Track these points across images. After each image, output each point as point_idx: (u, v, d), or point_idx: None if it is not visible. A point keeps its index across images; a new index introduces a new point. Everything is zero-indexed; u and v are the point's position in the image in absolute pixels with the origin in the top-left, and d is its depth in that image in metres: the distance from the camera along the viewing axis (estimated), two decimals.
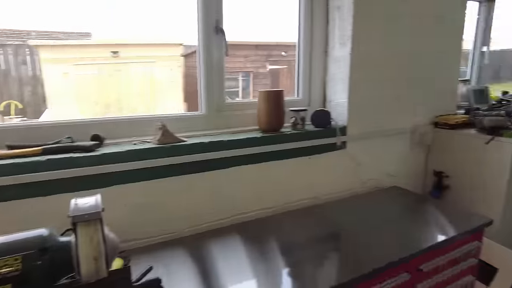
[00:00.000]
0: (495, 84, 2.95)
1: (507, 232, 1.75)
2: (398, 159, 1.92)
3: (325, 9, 1.69)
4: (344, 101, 1.67)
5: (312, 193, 1.65)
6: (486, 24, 2.52)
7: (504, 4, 2.58)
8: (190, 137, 1.36)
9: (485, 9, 2.49)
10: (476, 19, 2.51)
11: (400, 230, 1.37)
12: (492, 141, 1.69)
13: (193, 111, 1.52)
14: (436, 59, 1.94)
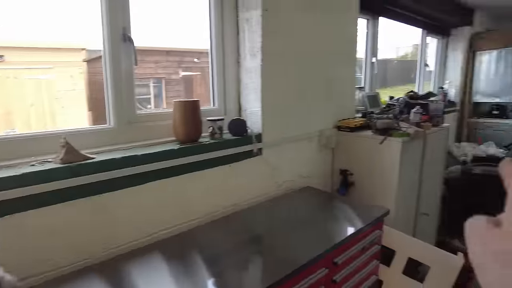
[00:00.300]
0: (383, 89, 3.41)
1: (400, 219, 2.04)
2: (308, 161, 2.07)
3: (235, 21, 1.74)
4: (257, 109, 1.74)
5: (233, 201, 1.67)
6: (373, 38, 2.89)
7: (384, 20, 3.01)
8: (99, 153, 1.25)
9: (372, 25, 2.86)
10: (365, 33, 2.86)
11: (315, 227, 1.48)
12: (385, 140, 1.95)
13: (101, 122, 1.41)
14: (336, 69, 2.15)
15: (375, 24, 2.87)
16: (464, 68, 4.26)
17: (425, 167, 2.26)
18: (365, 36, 2.86)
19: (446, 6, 3.57)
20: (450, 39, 4.27)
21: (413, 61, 4.09)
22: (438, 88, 4.11)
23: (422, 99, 2.94)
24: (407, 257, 1.60)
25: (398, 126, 2.04)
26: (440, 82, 4.34)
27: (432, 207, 2.55)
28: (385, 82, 3.68)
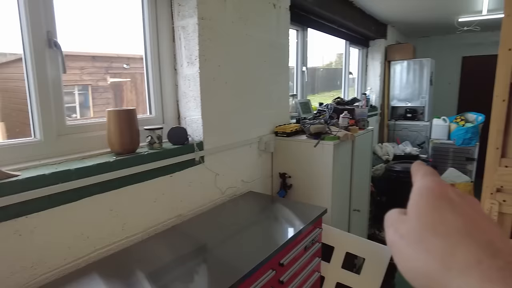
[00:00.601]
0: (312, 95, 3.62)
1: (336, 216, 2.17)
2: (250, 167, 2.11)
3: (170, 27, 1.71)
4: (198, 117, 1.72)
5: (177, 211, 1.62)
6: (303, 48, 3.07)
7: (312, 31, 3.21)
8: (24, 170, 1.13)
9: (301, 35, 3.03)
10: (296, 43, 3.02)
11: (259, 231, 1.52)
12: (318, 144, 2.07)
13: (17, 134, 1.27)
14: (271, 77, 2.23)
15: (304, 35, 3.05)
16: (382, 76, 4.74)
17: (355, 167, 2.46)
18: (296, 46, 3.02)
19: (365, 21, 3.95)
20: (369, 49, 4.73)
21: (337, 69, 4.43)
22: (361, 94, 4.49)
23: (348, 105, 3.20)
24: (345, 252, 1.72)
25: (329, 130, 2.18)
26: (362, 88, 4.76)
27: (362, 204, 2.76)
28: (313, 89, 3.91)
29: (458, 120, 4.43)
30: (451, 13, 4.13)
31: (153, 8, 1.63)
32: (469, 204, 0.27)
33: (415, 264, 0.26)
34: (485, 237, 0.24)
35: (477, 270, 0.23)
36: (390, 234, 0.30)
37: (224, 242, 1.40)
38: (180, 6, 1.66)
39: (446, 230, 0.26)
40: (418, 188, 0.30)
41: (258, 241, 1.42)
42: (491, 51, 5.26)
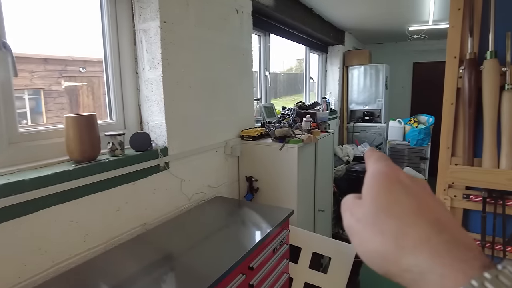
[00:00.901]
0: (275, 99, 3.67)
1: (302, 217, 2.22)
2: (216, 171, 2.09)
3: (131, 30, 1.66)
4: (161, 122, 1.69)
5: (142, 220, 1.57)
6: (266, 53, 3.11)
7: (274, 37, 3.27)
8: None
9: (263, 40, 3.08)
10: (258, 49, 3.06)
11: (227, 236, 1.51)
12: (284, 147, 2.11)
13: None
14: (236, 82, 2.24)
15: (267, 40, 3.10)
16: (340, 81, 4.93)
17: (318, 168, 2.52)
18: (258, 51, 3.06)
19: (324, 27, 4.09)
20: (328, 55, 4.89)
21: (298, 73, 4.54)
22: (322, 98, 4.64)
23: (310, 109, 3.28)
24: (312, 252, 1.75)
25: (293, 134, 2.23)
26: (322, 92, 4.91)
27: (326, 204, 2.84)
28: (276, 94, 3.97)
29: (411, 122, 4.70)
30: (402, 22, 4.40)
31: (113, 11, 1.58)
32: (418, 186, 0.29)
33: (372, 246, 0.27)
34: (433, 216, 0.26)
35: (427, 246, 0.24)
36: (347, 218, 0.31)
37: (191, 249, 1.37)
38: (142, 9, 1.62)
39: (399, 211, 0.27)
40: (372, 173, 0.31)
41: (227, 246, 1.41)
42: (438, 58, 5.68)
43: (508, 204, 1.11)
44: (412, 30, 4.67)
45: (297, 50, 4.29)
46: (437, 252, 0.24)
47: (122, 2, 1.60)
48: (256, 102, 2.77)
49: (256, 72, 3.07)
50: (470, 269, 0.22)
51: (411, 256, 0.25)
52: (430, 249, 0.24)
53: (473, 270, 0.22)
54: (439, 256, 0.24)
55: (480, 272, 0.22)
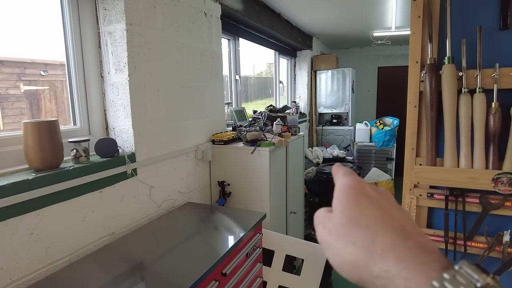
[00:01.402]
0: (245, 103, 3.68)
1: (275, 220, 2.22)
2: (187, 177, 2.05)
3: (95, 32, 1.60)
4: (128, 127, 1.63)
5: (109, 229, 1.51)
6: (235, 57, 3.11)
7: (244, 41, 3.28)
8: None
9: (233, 44, 3.08)
10: (228, 52, 3.05)
11: (199, 242, 1.48)
12: (255, 150, 2.11)
13: None
14: (206, 85, 2.22)
15: (236, 44, 3.10)
16: (309, 85, 5.02)
17: (289, 171, 2.55)
18: (228, 55, 3.05)
19: (293, 32, 4.16)
20: (296, 60, 4.98)
21: (268, 77, 4.58)
22: (291, 102, 4.70)
23: (280, 112, 3.31)
24: (285, 254, 1.76)
25: (264, 137, 2.24)
26: (292, 96, 4.98)
27: (298, 206, 2.87)
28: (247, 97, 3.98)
29: (377, 124, 4.87)
30: (366, 28, 4.57)
31: (75, 12, 1.51)
32: (383, 197, 0.32)
33: (344, 256, 0.29)
34: (398, 224, 0.29)
35: (393, 253, 0.26)
36: (320, 232, 0.32)
37: (162, 257, 1.33)
38: (106, 10, 1.56)
39: (366, 222, 0.29)
40: (340, 187, 0.33)
41: (199, 252, 1.38)
42: (401, 63, 5.94)
43: (468, 201, 1.17)
44: (376, 36, 4.86)
45: (267, 54, 4.33)
46: (403, 257, 0.26)
47: (85, 3, 1.54)
48: (227, 106, 2.76)
49: (227, 76, 3.06)
50: (431, 271, 0.24)
51: (380, 263, 0.26)
52: (396, 255, 0.26)
53: (434, 272, 0.24)
54: (404, 260, 0.25)
55: (440, 274, 0.24)
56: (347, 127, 5.00)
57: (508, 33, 1.08)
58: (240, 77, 3.16)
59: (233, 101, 3.10)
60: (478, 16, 1.11)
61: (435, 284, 0.23)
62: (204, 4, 2.17)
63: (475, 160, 1.10)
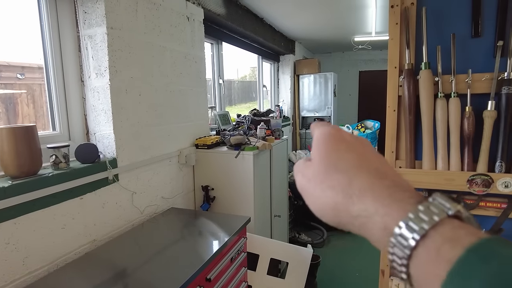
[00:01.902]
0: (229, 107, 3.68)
1: (259, 224, 2.23)
2: (170, 182, 2.03)
3: (75, 36, 1.57)
4: (109, 132, 1.61)
5: (91, 237, 1.47)
6: (219, 61, 3.11)
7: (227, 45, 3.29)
8: None
9: (216, 48, 3.08)
10: (211, 56, 3.05)
11: (183, 248, 1.47)
12: (239, 154, 2.11)
13: None
14: (189, 89, 2.21)
15: (219, 48, 3.10)
16: (292, 89, 5.07)
17: (273, 174, 2.56)
18: (211, 58, 3.05)
19: (275, 37, 4.19)
20: (279, 64, 5.02)
21: (252, 81, 4.59)
22: (275, 106, 4.73)
23: (264, 116, 3.33)
24: (269, 258, 1.76)
25: (248, 141, 2.24)
26: (276, 100, 5.01)
27: (282, 209, 2.89)
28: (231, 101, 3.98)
29: (359, 127, 4.96)
30: (348, 33, 4.66)
31: (53, 14, 1.48)
32: (361, 142, 0.33)
33: (324, 201, 0.30)
34: (374, 166, 0.30)
35: (370, 192, 0.27)
36: (299, 180, 0.33)
37: (146, 264, 1.31)
38: (86, 14, 1.54)
39: (344, 166, 0.30)
40: (318, 135, 0.34)
41: (183, 258, 1.37)
42: (382, 67, 6.08)
43: None
44: (357, 41, 4.96)
45: (251, 58, 4.35)
46: (379, 196, 0.27)
47: (64, 5, 1.52)
48: (210, 109, 2.75)
49: (210, 79, 3.05)
50: (407, 205, 0.26)
51: (358, 203, 0.28)
52: (373, 194, 0.27)
53: (409, 206, 0.25)
54: (381, 198, 0.27)
55: (415, 207, 0.25)
56: None
57: (479, 41, 1.13)
58: (223, 81, 3.16)
59: (216, 105, 3.10)
60: (452, 24, 1.15)
61: (411, 215, 0.24)
62: (186, 8, 2.17)
63: (452, 162, 1.13)
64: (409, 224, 0.24)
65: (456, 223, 0.24)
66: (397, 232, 0.25)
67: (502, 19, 1.09)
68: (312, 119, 5.23)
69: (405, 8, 1.17)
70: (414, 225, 0.24)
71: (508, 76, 1.05)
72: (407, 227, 0.24)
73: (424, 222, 0.24)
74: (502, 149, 1.07)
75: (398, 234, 0.24)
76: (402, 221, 0.25)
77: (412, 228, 0.24)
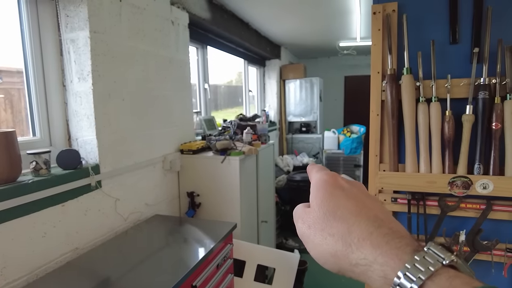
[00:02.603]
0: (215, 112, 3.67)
1: (246, 230, 2.22)
2: (154, 188, 2.01)
3: (56, 40, 1.54)
4: (92, 138, 1.58)
5: (73, 245, 1.43)
6: (204, 65, 3.11)
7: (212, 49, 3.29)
8: None
9: (201, 53, 3.07)
10: (196, 61, 3.04)
11: (168, 256, 1.45)
12: (225, 159, 2.10)
13: None
14: (173, 94, 2.19)
15: (204, 53, 3.09)
16: (278, 93, 5.10)
17: (260, 179, 2.56)
18: (196, 63, 3.04)
19: (261, 42, 4.22)
20: (265, 69, 5.04)
21: (238, 86, 4.60)
22: (261, 110, 4.74)
23: (250, 121, 3.33)
24: (256, 264, 1.75)
25: (234, 146, 2.24)
26: (262, 105, 5.03)
27: (269, 214, 2.88)
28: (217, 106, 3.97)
29: (345, 132, 5.02)
30: (333, 39, 4.73)
31: (34, 17, 1.45)
32: (356, 188, 0.34)
33: (324, 248, 0.31)
34: (372, 213, 0.30)
35: (368, 241, 0.28)
36: (300, 226, 0.34)
37: (130, 272, 1.29)
38: (68, 17, 1.52)
39: (342, 214, 0.31)
40: (315, 182, 0.35)
41: (168, 266, 1.35)
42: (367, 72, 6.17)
43: (428, 204, 1.23)
44: (342, 46, 5.03)
45: (237, 63, 4.36)
46: (378, 244, 0.28)
47: (45, 8, 1.49)
48: (195, 114, 2.74)
49: (195, 84, 3.04)
50: (404, 254, 0.27)
51: (357, 251, 0.28)
52: (371, 243, 0.28)
53: (406, 255, 0.27)
54: (379, 247, 0.28)
55: (412, 256, 0.26)
56: (316, 135, 5.11)
57: (457, 47, 1.16)
58: (209, 85, 3.15)
59: (202, 109, 3.08)
60: (431, 31, 1.18)
61: (408, 266, 0.26)
62: (171, 13, 2.16)
63: (433, 165, 1.16)
64: (407, 274, 0.25)
65: (451, 273, 0.25)
66: (397, 282, 0.26)
67: (477, 27, 1.12)
68: (298, 124, 5.26)
69: (387, 15, 1.20)
70: (412, 275, 0.25)
71: (484, 81, 1.08)
72: (405, 277, 0.25)
73: (421, 272, 0.25)
74: (480, 152, 1.10)
75: (397, 284, 0.26)
76: (400, 272, 0.26)
77: (410, 278, 0.25)
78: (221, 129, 2.87)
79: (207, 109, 3.15)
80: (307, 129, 5.20)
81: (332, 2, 3.09)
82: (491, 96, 1.08)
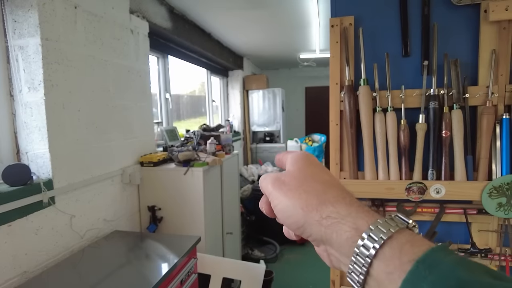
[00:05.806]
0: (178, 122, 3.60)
1: (210, 243, 2.17)
2: (113, 203, 1.91)
3: (2, 46, 1.44)
4: (44, 151, 1.48)
5: (20, 268, 1.32)
6: (165, 75, 3.05)
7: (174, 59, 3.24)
8: None
9: (162, 62, 3.01)
10: (157, 70, 2.98)
11: (129, 273, 1.38)
12: (188, 171, 2.06)
13: None
14: (132, 104, 2.12)
15: (166, 62, 3.04)
16: (242, 104, 5.12)
17: (224, 190, 2.53)
18: (157, 73, 2.98)
19: (223, 52, 4.23)
20: (228, 79, 5.06)
21: (201, 96, 4.56)
22: (225, 120, 4.73)
23: (214, 131, 3.31)
24: (222, 277, 1.72)
25: (198, 157, 2.20)
26: (226, 115, 5.02)
27: (234, 225, 2.85)
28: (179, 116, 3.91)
29: (307, 141, 5.13)
30: (293, 50, 4.85)
31: None
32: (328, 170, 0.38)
33: (295, 201, 0.33)
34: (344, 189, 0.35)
35: (343, 201, 0.32)
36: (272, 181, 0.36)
37: None
38: (16, 23, 1.42)
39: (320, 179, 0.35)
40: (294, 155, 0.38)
41: (129, 284, 1.28)
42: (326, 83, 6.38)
43: (388, 210, 1.27)
44: (303, 58, 5.18)
45: (200, 73, 4.33)
46: (352, 205, 0.31)
47: None
48: (156, 125, 2.67)
49: (156, 94, 2.97)
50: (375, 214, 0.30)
51: (331, 207, 0.31)
52: (346, 203, 0.31)
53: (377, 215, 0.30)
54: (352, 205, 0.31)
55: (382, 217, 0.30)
56: (279, 144, 5.17)
57: (408, 60, 1.24)
58: (171, 95, 3.09)
59: (163, 120, 3.01)
60: (385, 44, 1.24)
61: (379, 221, 0.29)
62: (130, 21, 2.11)
63: (391, 172, 1.21)
64: (379, 227, 0.28)
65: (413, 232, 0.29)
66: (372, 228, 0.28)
67: (426, 41, 1.20)
68: (262, 134, 5.30)
69: (344, 28, 1.24)
70: (383, 228, 0.28)
71: (434, 92, 1.16)
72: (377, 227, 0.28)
73: (391, 226, 0.28)
74: (433, 159, 1.17)
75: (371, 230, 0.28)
76: (372, 224, 0.29)
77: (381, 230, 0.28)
78: (183, 139, 2.82)
79: (169, 119, 3.08)
80: (270, 138, 5.26)
81: (292, 14, 3.18)
82: (440, 106, 1.16)
